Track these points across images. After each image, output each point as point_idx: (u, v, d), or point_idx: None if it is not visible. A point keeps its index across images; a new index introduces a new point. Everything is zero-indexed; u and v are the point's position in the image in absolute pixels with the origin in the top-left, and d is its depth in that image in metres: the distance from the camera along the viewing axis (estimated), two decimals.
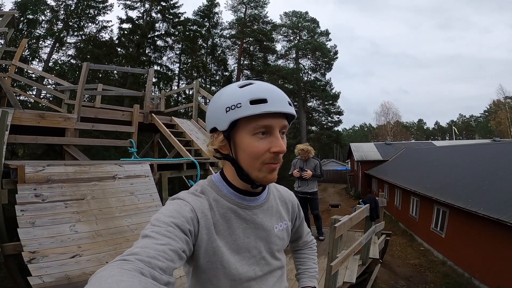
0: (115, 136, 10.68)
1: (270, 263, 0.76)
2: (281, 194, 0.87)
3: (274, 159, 0.67)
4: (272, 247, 0.77)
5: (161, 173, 4.31)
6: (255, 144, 0.65)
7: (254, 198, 0.75)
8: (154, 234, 0.55)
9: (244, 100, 0.63)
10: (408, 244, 10.83)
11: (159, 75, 20.95)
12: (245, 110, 0.63)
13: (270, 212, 0.78)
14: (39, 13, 17.19)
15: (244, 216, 0.72)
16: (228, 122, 0.65)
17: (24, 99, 12.77)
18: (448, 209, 8.63)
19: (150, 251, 0.51)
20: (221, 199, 0.71)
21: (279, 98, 0.66)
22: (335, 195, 23.32)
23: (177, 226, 0.59)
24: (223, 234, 0.68)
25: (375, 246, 4.63)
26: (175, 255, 0.54)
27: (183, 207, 0.64)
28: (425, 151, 18.65)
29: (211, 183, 0.74)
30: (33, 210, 2.54)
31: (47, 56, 17.69)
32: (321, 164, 4.71)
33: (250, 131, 0.65)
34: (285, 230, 0.82)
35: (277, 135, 0.66)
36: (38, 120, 4.40)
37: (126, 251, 0.52)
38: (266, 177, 0.68)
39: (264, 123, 0.65)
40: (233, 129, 0.67)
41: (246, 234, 0.72)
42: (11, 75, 6.26)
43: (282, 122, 0.67)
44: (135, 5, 21.23)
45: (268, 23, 28.31)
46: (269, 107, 0.63)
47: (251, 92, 0.64)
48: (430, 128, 65.93)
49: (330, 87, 30.09)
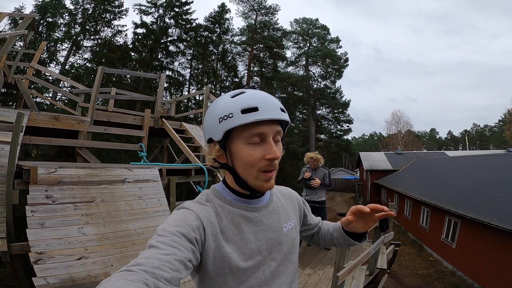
0: (126, 139, 10.90)
1: (281, 265, 0.75)
2: (283, 192, 0.87)
3: (270, 166, 0.68)
4: (284, 248, 0.76)
5: (169, 178, 4.34)
6: (250, 152, 0.66)
7: (258, 200, 0.75)
8: (159, 244, 0.55)
9: (235, 109, 0.65)
10: (417, 254, 10.74)
11: (170, 80, 21.32)
12: (237, 119, 0.64)
13: (276, 212, 0.78)
14: (58, 16, 17.74)
15: (252, 219, 0.72)
16: (222, 132, 0.66)
17: (40, 101, 13.18)
18: (460, 219, 8.56)
19: (154, 262, 0.50)
20: (227, 206, 0.71)
21: (270, 105, 0.66)
22: (343, 204, 22.99)
23: (182, 235, 0.59)
24: (233, 239, 0.68)
25: (383, 256, 4.52)
26: (181, 264, 0.54)
27: (188, 216, 0.64)
28: (437, 161, 18.26)
29: (215, 191, 0.75)
30: (43, 211, 2.59)
31: (64, 59, 18.25)
32: (330, 174, 4.66)
33: (244, 140, 0.66)
34: (294, 229, 0.81)
35: (270, 142, 0.67)
36: (53, 122, 4.53)
37: (131, 262, 0.52)
38: (263, 186, 0.69)
39: (257, 131, 0.65)
40: (228, 139, 0.68)
41: (257, 237, 0.71)
42: (28, 77, 6.35)
43: (275, 128, 0.68)
44: (150, 10, 21.79)
45: (279, 30, 28.42)
46: (260, 115, 0.64)
47: (242, 102, 0.65)
48: (443, 138, 64.51)
49: (340, 95, 29.80)
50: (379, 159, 23.35)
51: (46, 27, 16.99)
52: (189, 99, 21.02)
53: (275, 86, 27.36)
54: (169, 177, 4.33)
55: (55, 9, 17.42)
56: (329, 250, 4.57)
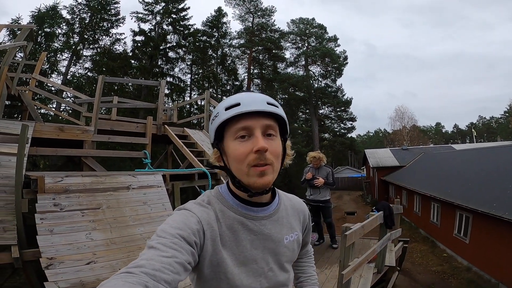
0: (130, 147, 11.01)
1: (278, 275, 0.75)
2: (293, 203, 0.85)
3: (259, 159, 0.65)
4: (281, 259, 0.75)
5: (173, 183, 4.39)
6: (237, 147, 0.67)
7: (262, 209, 0.74)
8: (160, 245, 0.55)
9: (221, 108, 0.69)
10: (429, 250, 10.57)
11: (171, 86, 21.49)
12: (221, 116, 0.68)
13: (280, 222, 0.77)
14: (55, 26, 17.82)
15: (251, 227, 0.71)
16: (213, 132, 0.71)
17: (44, 112, 13.36)
18: (472, 214, 8.43)
19: (155, 264, 0.51)
20: (227, 210, 0.71)
21: (253, 100, 0.68)
22: (350, 203, 22.81)
23: (183, 238, 0.59)
24: (229, 245, 0.68)
25: (391, 253, 4.48)
26: (181, 267, 0.54)
27: (190, 219, 0.64)
28: (444, 155, 18.03)
29: (217, 194, 0.74)
30: (51, 218, 2.65)
31: (65, 69, 18.42)
32: (333, 172, 4.66)
33: (232, 136, 0.68)
34: (295, 242, 0.80)
35: (257, 135, 0.66)
36: (58, 132, 4.61)
37: (131, 263, 0.52)
38: (256, 182, 0.66)
39: (242, 125, 0.66)
40: (221, 140, 0.71)
41: (254, 246, 0.71)
42: (32, 88, 6.36)
43: (263, 122, 0.67)
44: (147, 17, 22.07)
45: (276, 31, 28.51)
46: (241, 108, 0.66)
47: (227, 101, 0.69)
48: (449, 132, 63.67)
49: (341, 93, 29.74)
50: (385, 155, 23.08)
51: (45, 37, 17.08)
52: (191, 104, 21.14)
53: (276, 88, 27.41)
54: (173, 183, 4.38)
55: (52, 19, 17.48)
56: (336, 249, 4.55)
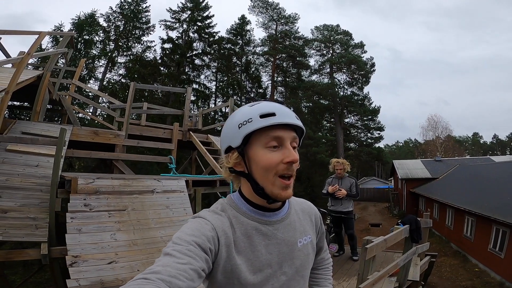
0: (157, 152, 11.48)
1: (292, 279, 0.74)
2: (303, 206, 0.86)
3: (288, 170, 0.68)
4: (296, 263, 0.75)
5: (195, 189, 4.49)
6: (268, 155, 0.68)
7: (274, 214, 0.75)
8: (175, 252, 0.57)
9: (254, 115, 0.69)
10: (460, 265, 10.11)
11: (197, 93, 22.21)
12: (256, 123, 0.68)
13: (292, 226, 0.77)
14: (93, 34, 19.18)
15: (265, 232, 0.72)
16: (242, 137, 0.69)
17: (82, 116, 14.38)
18: (509, 229, 8.18)
19: (171, 270, 0.52)
20: (241, 217, 0.72)
21: (287, 112, 0.71)
22: (376, 214, 21.78)
23: (198, 245, 0.60)
24: (244, 251, 0.69)
25: (416, 267, 4.23)
26: (195, 274, 0.55)
27: (204, 226, 0.66)
28: (482, 168, 16.75)
29: (230, 201, 0.76)
30: (81, 218, 2.83)
31: (102, 75, 19.76)
32: (357, 183, 4.49)
33: (263, 144, 0.69)
34: (309, 244, 0.80)
35: (288, 147, 0.69)
36: (93, 136, 4.94)
37: (147, 269, 0.53)
38: (281, 194, 0.69)
39: (275, 134, 0.68)
40: (246, 145, 0.70)
41: (269, 250, 0.71)
42: (71, 93, 6.82)
43: (292, 134, 0.71)
44: (174, 25, 23.19)
45: (300, 38, 28.35)
46: (278, 119, 0.68)
47: (260, 108, 0.70)
48: (488, 143, 58.80)
49: (368, 102, 28.68)
50: (416, 167, 21.97)
51: (84, 44, 18.35)
52: (215, 111, 21.64)
53: (300, 95, 27.15)
54: (195, 188, 4.48)
55: (90, 26, 18.80)
56: (357, 261, 4.36)
